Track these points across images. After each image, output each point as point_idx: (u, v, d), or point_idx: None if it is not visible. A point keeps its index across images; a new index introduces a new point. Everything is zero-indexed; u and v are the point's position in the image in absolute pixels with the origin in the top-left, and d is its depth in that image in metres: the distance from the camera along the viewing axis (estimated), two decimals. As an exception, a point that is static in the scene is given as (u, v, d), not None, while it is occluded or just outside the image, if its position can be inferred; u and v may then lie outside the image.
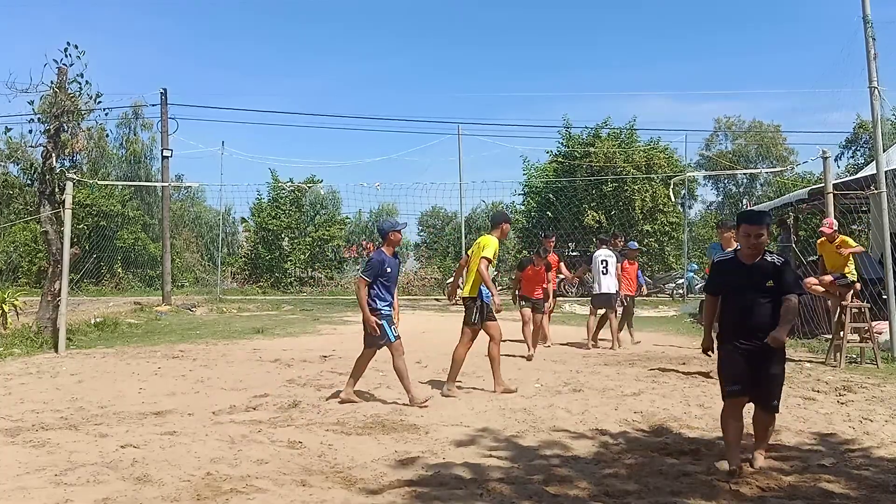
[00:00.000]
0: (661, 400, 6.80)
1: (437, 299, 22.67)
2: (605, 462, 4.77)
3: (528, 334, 10.13)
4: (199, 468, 4.61)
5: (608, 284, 10.80)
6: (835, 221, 10.11)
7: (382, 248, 6.81)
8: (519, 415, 6.19)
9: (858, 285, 9.80)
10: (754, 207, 23.84)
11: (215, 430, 5.65)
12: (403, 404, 6.61)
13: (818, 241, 10.17)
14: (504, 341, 10.71)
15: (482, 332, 7.30)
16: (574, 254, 23.73)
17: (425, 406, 6.47)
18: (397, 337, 6.71)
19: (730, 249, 5.01)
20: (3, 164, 26.98)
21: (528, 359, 9.57)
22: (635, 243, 13.28)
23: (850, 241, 9.88)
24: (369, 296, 6.64)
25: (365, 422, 5.93)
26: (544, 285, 10.46)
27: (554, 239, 11.71)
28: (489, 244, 7.25)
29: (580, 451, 5.06)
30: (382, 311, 6.67)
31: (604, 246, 11.24)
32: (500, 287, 26.18)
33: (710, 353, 4.92)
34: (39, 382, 7.94)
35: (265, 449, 5.11)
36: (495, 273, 26.50)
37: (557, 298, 10.43)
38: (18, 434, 5.51)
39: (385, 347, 6.76)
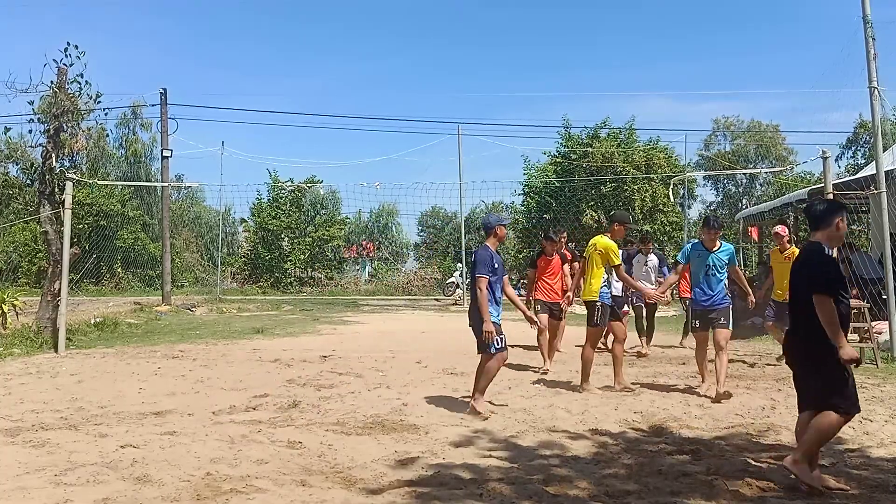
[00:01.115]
0: (660, 400, 6.81)
1: (437, 299, 22.68)
2: (604, 462, 4.78)
3: (543, 343, 8.77)
4: (199, 468, 4.61)
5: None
6: (787, 227, 9.12)
7: (486, 243, 6.40)
8: (519, 415, 6.19)
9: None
10: (753, 208, 23.84)
11: (215, 430, 5.65)
12: (403, 404, 6.61)
13: (770, 251, 9.56)
14: (514, 346, 10.57)
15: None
16: (574, 254, 23.73)
17: (487, 419, 6.03)
18: (500, 349, 6.24)
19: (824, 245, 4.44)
20: (3, 164, 27.00)
21: (544, 373, 8.37)
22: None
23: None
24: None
25: (365, 422, 5.93)
26: (564, 279, 9.15)
27: (565, 235, 10.68)
28: (611, 248, 7.18)
29: (580, 451, 5.07)
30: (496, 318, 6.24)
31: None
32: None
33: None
34: (39, 382, 7.94)
35: (265, 449, 5.11)
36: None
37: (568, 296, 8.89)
38: (18, 434, 5.51)
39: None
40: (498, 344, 6.16)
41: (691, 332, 7.92)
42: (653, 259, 10.76)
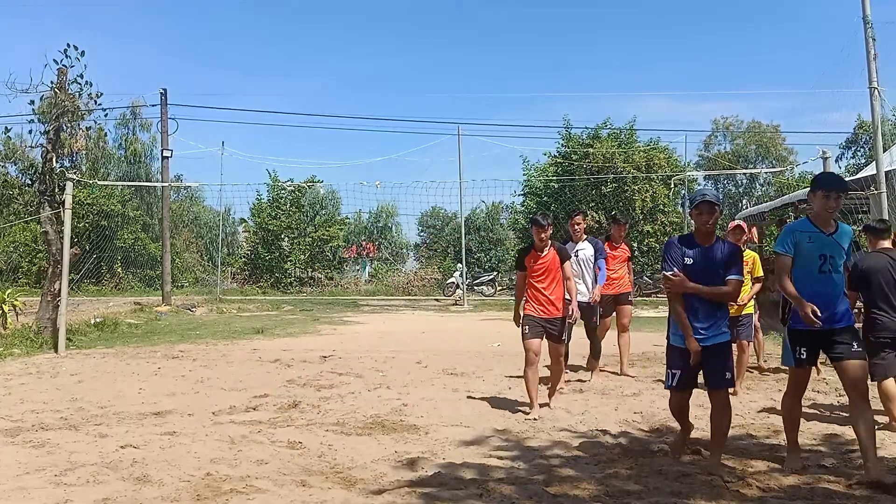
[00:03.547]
0: (660, 400, 6.79)
1: (437, 300, 22.67)
2: (605, 462, 4.77)
3: (531, 379, 6.32)
4: (199, 468, 4.62)
5: None
6: (745, 224, 7.34)
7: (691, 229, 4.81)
8: (519, 415, 6.18)
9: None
10: (754, 208, 23.83)
11: (215, 431, 5.65)
12: (403, 404, 6.60)
13: None
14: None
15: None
16: (574, 254, 23.69)
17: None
18: (670, 385, 4.68)
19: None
20: (2, 164, 26.97)
21: (535, 418, 6.14)
22: None
23: (759, 263, 7.28)
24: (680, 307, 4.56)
25: (365, 422, 5.93)
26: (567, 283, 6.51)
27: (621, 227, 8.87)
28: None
29: (581, 451, 5.06)
30: (675, 338, 4.62)
31: None
32: (502, 287, 26.21)
33: None
34: (39, 382, 7.94)
35: (265, 449, 5.11)
36: (493, 274, 26.48)
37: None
38: (18, 434, 5.51)
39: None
40: (669, 379, 4.64)
41: (790, 367, 4.73)
42: (585, 247, 7.79)
